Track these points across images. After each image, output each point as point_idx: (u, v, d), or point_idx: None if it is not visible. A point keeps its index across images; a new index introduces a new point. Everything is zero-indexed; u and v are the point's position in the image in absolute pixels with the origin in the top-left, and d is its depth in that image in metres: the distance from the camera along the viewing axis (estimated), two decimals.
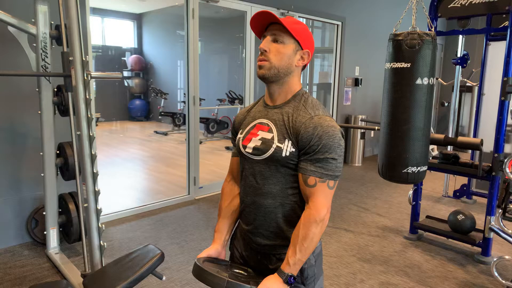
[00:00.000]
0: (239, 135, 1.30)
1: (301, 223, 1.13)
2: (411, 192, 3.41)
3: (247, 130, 1.27)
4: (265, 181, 1.20)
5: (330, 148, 1.13)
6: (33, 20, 2.60)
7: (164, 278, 2.06)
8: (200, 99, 4.37)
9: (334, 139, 1.13)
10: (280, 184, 1.19)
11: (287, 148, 1.15)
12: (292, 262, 1.12)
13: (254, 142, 1.22)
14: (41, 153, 2.78)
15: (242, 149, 1.26)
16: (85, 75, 2.17)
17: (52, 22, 2.66)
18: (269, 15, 1.17)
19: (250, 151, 1.22)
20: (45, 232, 2.91)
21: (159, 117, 9.61)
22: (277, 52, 1.17)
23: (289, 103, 1.21)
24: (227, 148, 7.15)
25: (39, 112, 2.73)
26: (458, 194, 4.49)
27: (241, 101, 7.28)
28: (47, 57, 2.64)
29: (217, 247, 1.33)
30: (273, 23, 1.19)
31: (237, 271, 1.26)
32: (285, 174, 1.18)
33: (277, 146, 1.17)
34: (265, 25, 1.21)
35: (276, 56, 1.17)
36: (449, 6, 3.15)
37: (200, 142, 4.64)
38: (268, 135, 1.19)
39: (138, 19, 10.41)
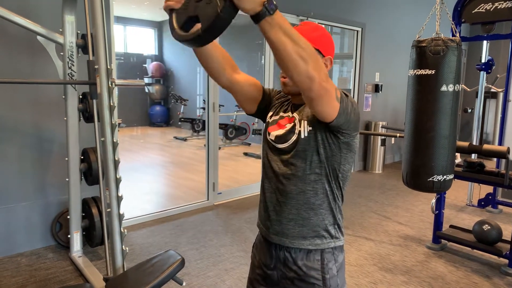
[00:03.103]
0: (268, 118, 1.32)
1: None
2: (434, 200, 3.33)
3: (276, 119, 1.29)
4: (288, 168, 1.21)
5: (345, 97, 1.11)
6: (60, 29, 2.68)
7: (184, 283, 2.08)
8: (219, 105, 4.41)
9: (350, 101, 1.12)
10: (301, 170, 1.19)
11: (304, 128, 1.18)
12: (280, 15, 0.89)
13: (278, 131, 1.24)
14: (66, 159, 2.86)
15: (267, 135, 1.28)
16: (109, 82, 2.22)
17: (79, 32, 2.74)
18: None
19: (273, 138, 1.25)
20: (68, 236, 2.98)
21: (179, 123, 9.74)
22: None
23: None
24: (245, 154, 7.17)
25: (65, 118, 2.81)
26: (483, 203, 4.36)
27: None
28: (73, 65, 2.72)
29: None
30: None
31: None
32: (306, 160, 1.18)
33: (298, 131, 1.19)
34: None
35: None
36: (473, 12, 3.10)
37: (219, 148, 4.67)
38: (291, 125, 1.22)
39: (159, 26, 10.62)
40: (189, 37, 0.93)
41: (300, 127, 1.19)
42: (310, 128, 1.17)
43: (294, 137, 1.20)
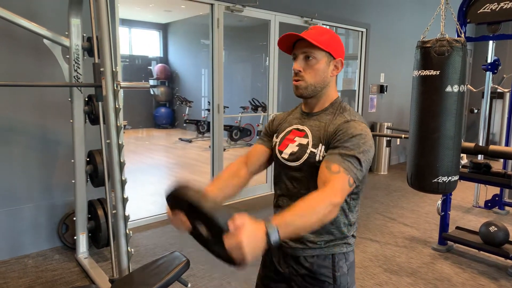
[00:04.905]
0: (275, 139, 1.32)
1: (312, 195, 1.03)
2: (439, 202, 3.31)
3: (283, 136, 1.29)
4: (301, 186, 1.21)
5: (360, 148, 1.11)
6: (66, 33, 2.71)
7: (189, 285, 2.09)
8: (224, 107, 4.42)
9: (366, 143, 1.12)
10: (314, 189, 1.18)
11: (320, 152, 1.17)
12: (283, 219, 0.95)
13: (291, 148, 1.23)
14: (72, 161, 2.88)
15: (278, 154, 1.28)
16: (115, 85, 2.24)
17: (84, 35, 2.77)
18: (294, 35, 1.19)
19: (286, 157, 1.24)
20: (75, 237, 3.00)
21: (184, 124, 9.77)
22: (310, 70, 1.19)
23: (326, 110, 1.23)
24: None
25: (71, 120, 2.83)
26: (489, 204, 4.32)
27: (264, 108, 7.30)
28: (79, 68, 2.74)
29: None
30: (301, 39, 1.20)
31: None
32: None
33: (311, 151, 1.18)
34: (292, 42, 1.23)
35: (310, 74, 1.19)
36: (478, 12, 3.08)
37: (224, 149, 4.68)
38: (303, 141, 1.21)
39: (164, 29, 10.67)
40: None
41: (314, 149, 1.18)
42: (326, 154, 1.15)
43: (305, 156, 1.19)
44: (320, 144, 1.17)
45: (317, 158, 1.17)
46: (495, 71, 4.15)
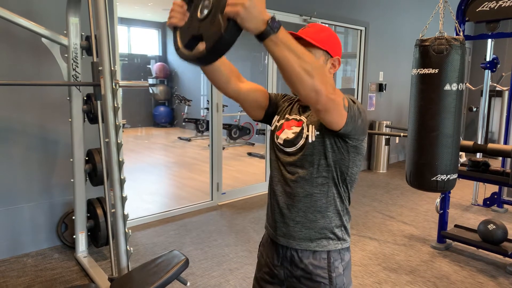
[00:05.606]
0: (275, 122, 1.32)
1: None
2: (438, 200, 3.32)
3: (282, 123, 1.29)
4: (295, 171, 1.22)
5: (355, 101, 1.13)
6: (65, 31, 2.70)
7: (188, 283, 2.09)
8: (223, 106, 4.42)
9: (361, 106, 1.14)
10: (309, 174, 1.20)
11: (312, 133, 1.18)
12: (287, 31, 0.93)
13: (286, 134, 1.25)
14: (71, 160, 2.88)
15: (275, 139, 1.29)
16: (113, 84, 2.24)
17: (83, 33, 2.76)
18: (292, 34, 1.18)
19: (282, 142, 1.25)
20: (74, 236, 3.00)
21: (183, 123, 9.76)
22: None
23: None
24: (249, 154, 7.17)
25: (70, 119, 2.83)
26: (488, 202, 4.33)
27: None
28: (77, 67, 2.74)
29: None
30: (298, 38, 1.19)
31: None
32: (313, 163, 1.19)
33: (306, 135, 1.20)
34: None
35: None
36: (477, 10, 3.08)
37: (223, 148, 4.68)
38: (300, 128, 1.23)
39: (163, 27, 10.64)
40: (193, 57, 0.93)
41: (307, 131, 1.20)
42: (318, 133, 1.18)
43: (301, 141, 1.20)
44: (310, 125, 1.20)
45: (310, 140, 1.19)
46: (494, 69, 4.15)
